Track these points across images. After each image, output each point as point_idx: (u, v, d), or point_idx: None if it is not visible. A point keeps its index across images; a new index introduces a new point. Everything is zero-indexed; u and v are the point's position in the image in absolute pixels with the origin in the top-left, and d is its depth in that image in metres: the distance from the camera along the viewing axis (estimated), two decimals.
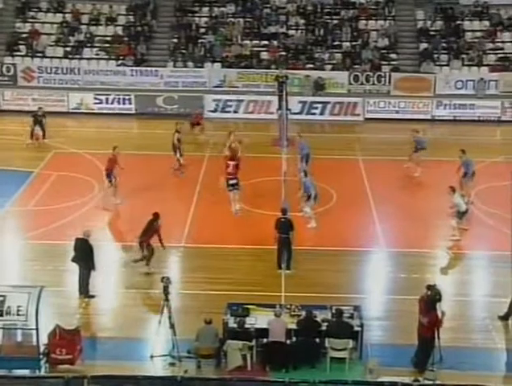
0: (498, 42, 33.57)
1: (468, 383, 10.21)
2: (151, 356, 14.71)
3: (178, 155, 24.29)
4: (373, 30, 34.51)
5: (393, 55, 33.62)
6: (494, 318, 16.33)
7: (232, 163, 21.45)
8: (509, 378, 14.37)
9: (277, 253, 18.30)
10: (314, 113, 31.18)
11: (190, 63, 33.50)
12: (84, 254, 16.86)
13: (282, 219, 18.30)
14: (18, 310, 13.98)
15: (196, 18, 35.30)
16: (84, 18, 35.27)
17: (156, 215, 18.09)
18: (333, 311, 15.01)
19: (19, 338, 14.41)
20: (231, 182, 21.28)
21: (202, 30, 34.95)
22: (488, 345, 15.50)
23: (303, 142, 23.86)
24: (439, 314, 14.45)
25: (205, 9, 35.65)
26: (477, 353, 15.11)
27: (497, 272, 18.32)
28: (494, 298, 17.13)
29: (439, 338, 14.36)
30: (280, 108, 28.38)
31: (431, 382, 13.26)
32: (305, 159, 23.24)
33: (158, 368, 14.46)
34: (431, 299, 14.51)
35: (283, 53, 33.64)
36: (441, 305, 14.70)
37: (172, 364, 14.48)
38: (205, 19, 35.29)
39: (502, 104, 30.87)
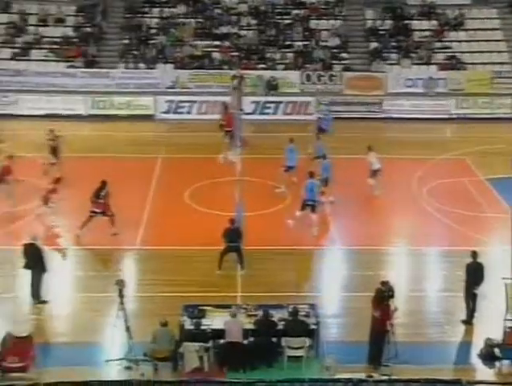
0: (446, 41, 34.13)
1: (422, 377, 10.32)
2: (107, 360, 14.51)
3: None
4: (324, 29, 34.75)
5: (344, 55, 33.89)
6: (446, 312, 16.60)
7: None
8: (460, 370, 14.55)
9: (220, 255, 18.15)
10: (267, 113, 31.24)
11: (141, 65, 33.25)
12: (35, 258, 16.53)
13: (232, 228, 18.25)
14: None
15: (147, 19, 35.07)
16: (32, 19, 34.68)
17: (103, 183, 19.23)
18: (289, 310, 15.05)
19: None
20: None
21: (153, 31, 34.73)
22: (441, 338, 15.76)
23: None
24: (392, 309, 14.64)
25: (156, 9, 35.44)
26: (431, 347, 15.33)
27: (448, 267, 18.63)
28: (446, 293, 17.43)
29: (393, 333, 14.53)
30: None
31: (386, 377, 13.38)
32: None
33: (113, 372, 14.25)
34: (382, 292, 14.67)
35: (235, 53, 33.63)
36: (394, 301, 14.89)
37: (128, 368, 14.28)
38: (156, 20, 35.10)
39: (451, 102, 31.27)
